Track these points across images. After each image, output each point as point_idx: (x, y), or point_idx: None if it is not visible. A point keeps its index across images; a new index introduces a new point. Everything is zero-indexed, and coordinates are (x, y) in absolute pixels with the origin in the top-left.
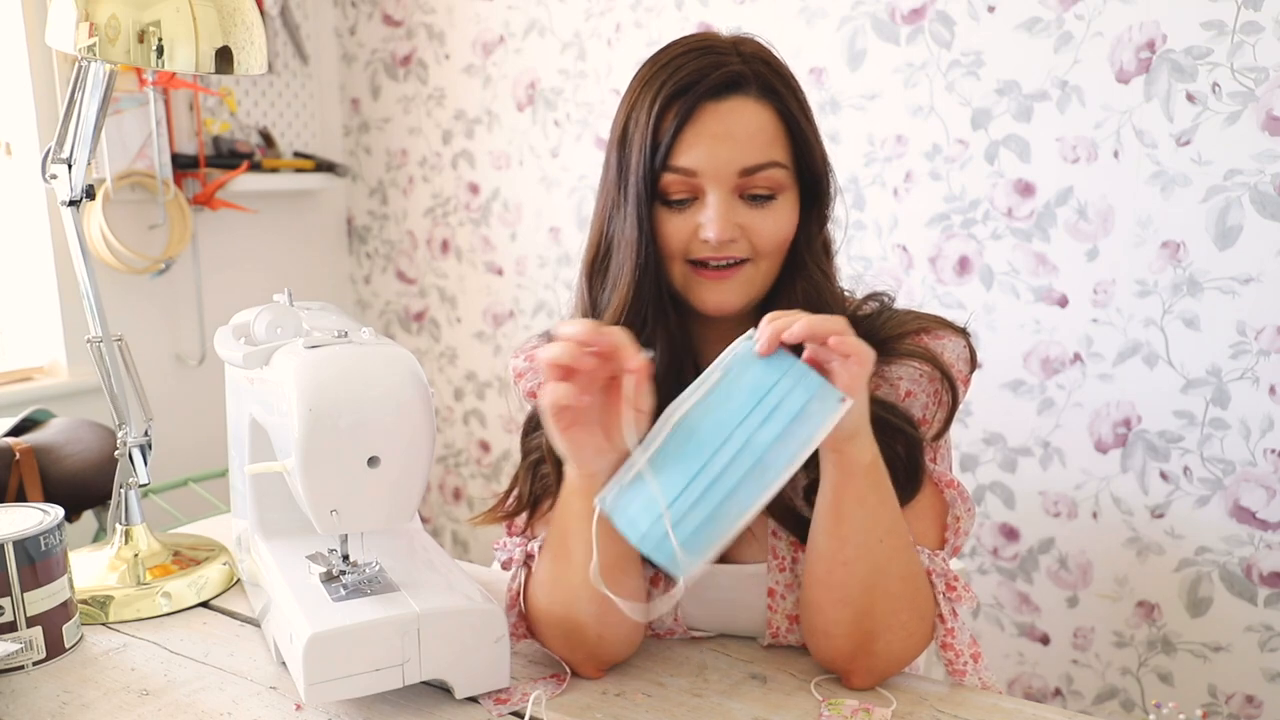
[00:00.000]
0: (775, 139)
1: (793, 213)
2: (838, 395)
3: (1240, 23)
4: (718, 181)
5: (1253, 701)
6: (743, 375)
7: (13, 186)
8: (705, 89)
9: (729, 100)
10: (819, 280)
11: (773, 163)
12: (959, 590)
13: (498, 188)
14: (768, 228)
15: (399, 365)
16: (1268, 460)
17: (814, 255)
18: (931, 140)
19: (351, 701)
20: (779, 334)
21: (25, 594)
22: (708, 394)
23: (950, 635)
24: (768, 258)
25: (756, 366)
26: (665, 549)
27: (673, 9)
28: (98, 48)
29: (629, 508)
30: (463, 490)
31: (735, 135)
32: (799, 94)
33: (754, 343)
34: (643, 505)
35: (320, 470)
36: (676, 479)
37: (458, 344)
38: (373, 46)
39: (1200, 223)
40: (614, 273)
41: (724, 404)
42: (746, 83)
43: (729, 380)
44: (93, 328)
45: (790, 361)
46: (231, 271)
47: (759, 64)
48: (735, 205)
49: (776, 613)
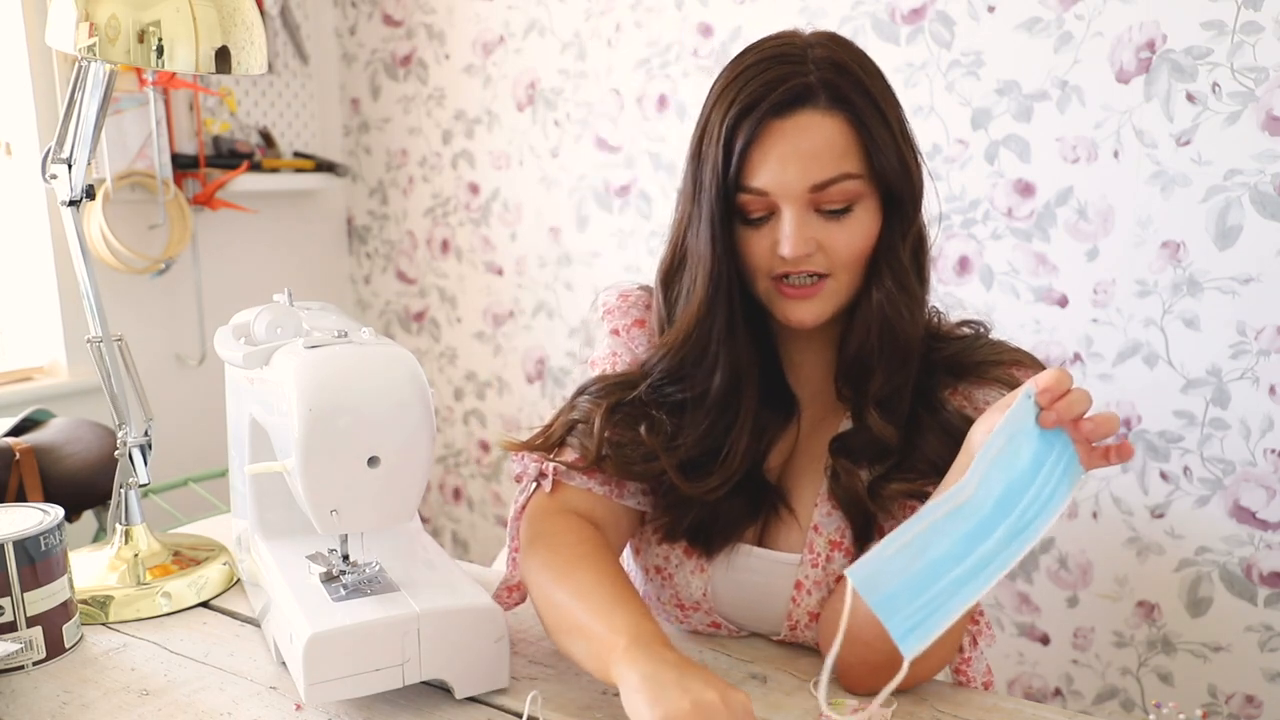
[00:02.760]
0: (847, 150)
1: (872, 222)
2: (1081, 470)
3: (1240, 23)
4: (790, 199)
5: (1253, 701)
6: (1023, 447)
7: (13, 186)
8: (769, 106)
9: (795, 115)
10: (894, 291)
11: (844, 175)
12: (980, 625)
13: (498, 188)
14: (843, 240)
15: (399, 365)
16: (1268, 460)
17: (892, 265)
18: (931, 140)
19: (351, 701)
20: (1067, 419)
21: (25, 594)
22: (989, 468)
23: (966, 664)
24: (847, 269)
25: (1035, 437)
26: (915, 632)
27: (673, 9)
28: (98, 48)
29: (882, 585)
30: (463, 490)
31: (803, 152)
32: (875, 97)
33: (1034, 405)
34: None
35: (320, 470)
36: (943, 560)
37: (458, 344)
38: (373, 46)
39: (1200, 223)
40: (686, 285)
41: (1005, 481)
42: (813, 94)
43: (1009, 452)
44: (93, 328)
45: (1058, 433)
46: (231, 271)
47: (829, 71)
48: (810, 220)
49: (799, 606)
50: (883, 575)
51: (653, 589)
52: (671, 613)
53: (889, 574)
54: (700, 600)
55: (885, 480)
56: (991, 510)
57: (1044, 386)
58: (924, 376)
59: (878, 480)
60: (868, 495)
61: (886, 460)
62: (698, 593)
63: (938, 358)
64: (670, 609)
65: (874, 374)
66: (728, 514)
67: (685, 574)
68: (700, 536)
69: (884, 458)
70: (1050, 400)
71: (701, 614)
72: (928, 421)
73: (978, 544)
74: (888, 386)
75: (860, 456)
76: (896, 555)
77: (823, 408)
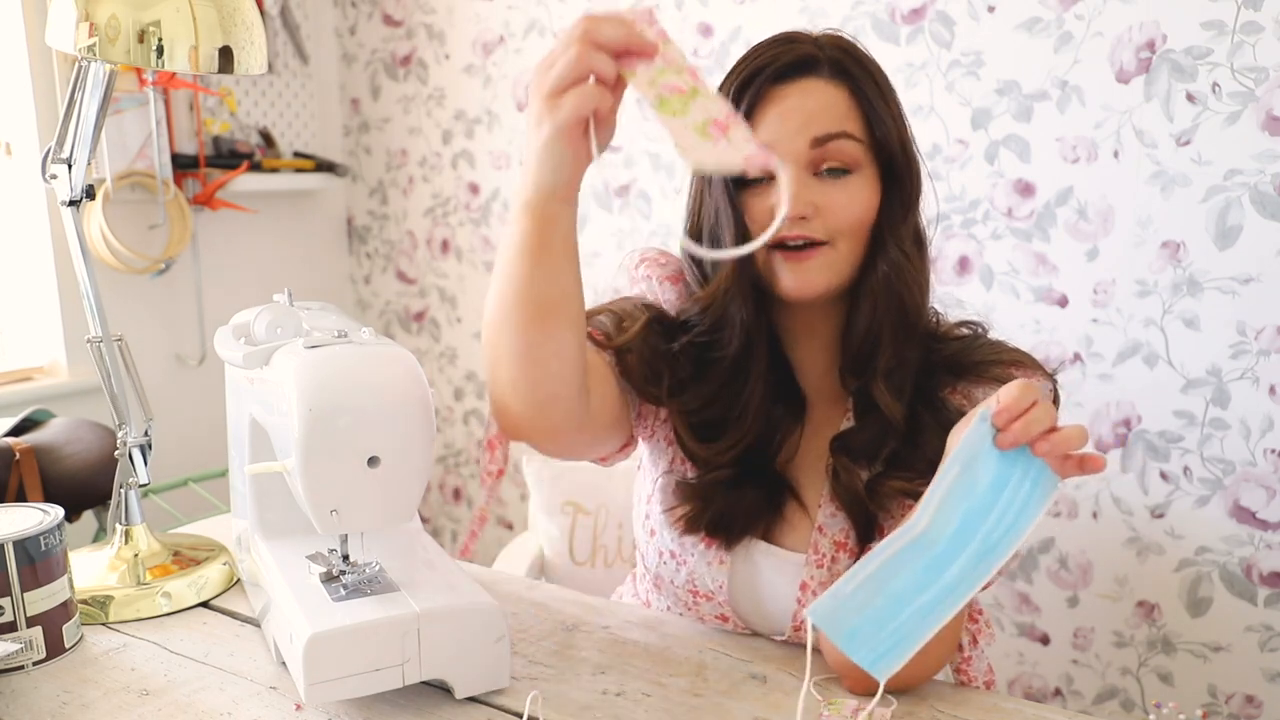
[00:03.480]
0: (848, 114)
1: (871, 192)
2: (1055, 480)
3: (1240, 23)
4: (789, 155)
5: (1253, 701)
6: (980, 473)
7: (13, 186)
8: (773, 71)
9: (799, 81)
10: (900, 262)
11: (844, 133)
12: (980, 624)
13: (498, 188)
14: (841, 202)
15: (399, 365)
16: (1268, 460)
17: (897, 237)
18: (931, 140)
19: (351, 701)
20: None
21: (25, 594)
22: (943, 500)
23: (967, 663)
24: (846, 238)
25: (994, 460)
26: (885, 659)
27: (673, 9)
28: (98, 48)
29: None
30: (463, 490)
31: (805, 109)
32: (878, 78)
33: (990, 427)
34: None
35: (320, 470)
36: (905, 591)
37: (458, 344)
38: (373, 46)
39: (1200, 223)
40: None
41: (962, 511)
42: (817, 64)
43: (965, 479)
44: (93, 328)
45: (1022, 450)
46: (231, 271)
47: (834, 50)
48: (808, 181)
49: (805, 606)
50: (843, 611)
51: (666, 572)
52: (683, 598)
53: (849, 610)
54: (714, 591)
55: (883, 478)
56: (949, 541)
57: (1001, 407)
58: (924, 376)
59: (876, 478)
60: (866, 494)
61: (885, 453)
62: (714, 583)
63: (937, 357)
64: (683, 594)
65: (881, 347)
66: (746, 506)
67: (703, 563)
68: (720, 529)
69: (883, 451)
70: (1007, 421)
71: (713, 605)
72: (927, 420)
73: (939, 574)
74: (894, 359)
75: (860, 455)
76: (856, 592)
77: (827, 407)
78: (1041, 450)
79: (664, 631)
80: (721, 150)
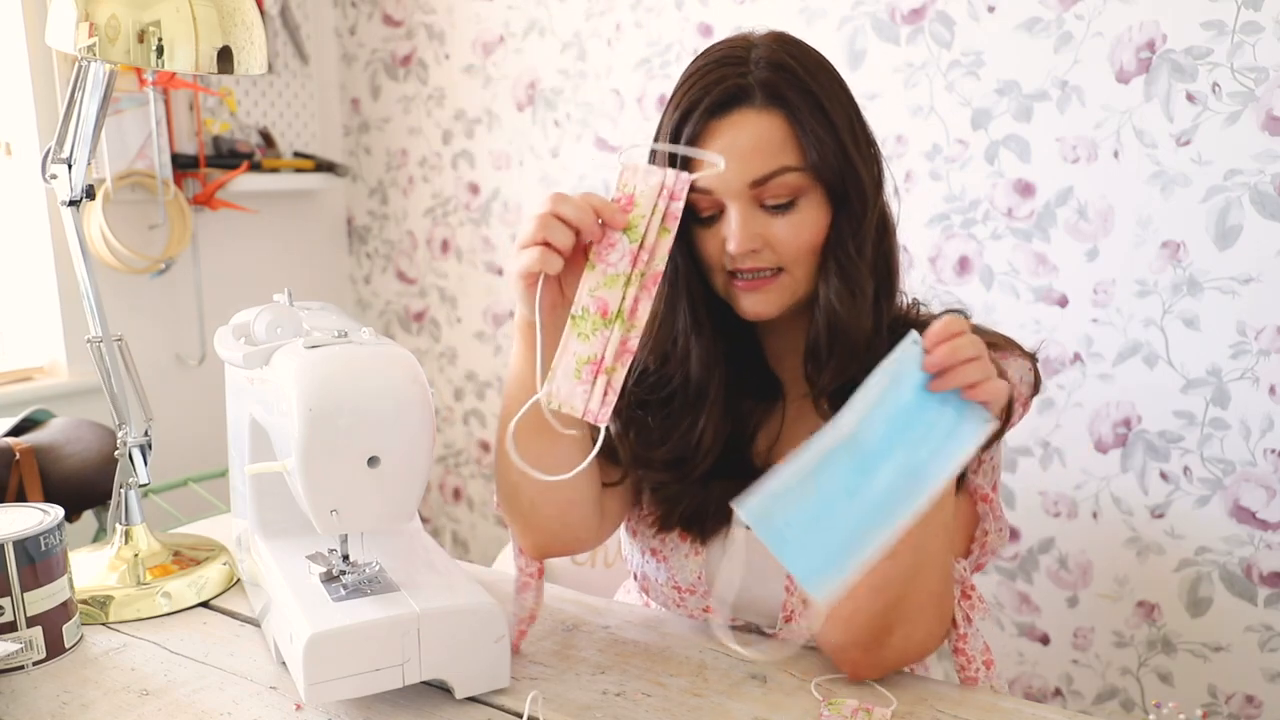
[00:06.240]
0: (784, 145)
1: (819, 216)
2: (985, 415)
3: (1240, 23)
4: (732, 195)
5: (1253, 701)
6: (905, 386)
7: (13, 186)
8: (707, 108)
9: (731, 115)
10: (839, 289)
11: (782, 169)
12: (974, 600)
13: (498, 188)
14: (789, 235)
15: (399, 365)
16: (1268, 460)
17: (840, 261)
18: (931, 140)
19: (351, 701)
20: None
21: (25, 594)
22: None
23: (962, 641)
24: (799, 263)
25: (920, 379)
26: (811, 564)
27: (673, 9)
28: (98, 48)
29: (776, 518)
30: (463, 490)
31: (740, 148)
32: (816, 93)
33: (919, 350)
34: (795, 517)
35: (320, 470)
36: (835, 493)
37: (458, 344)
38: (373, 46)
39: (1200, 223)
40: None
41: (886, 416)
42: (749, 94)
43: (892, 391)
44: (93, 328)
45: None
46: (231, 271)
47: (766, 71)
48: (755, 215)
49: (794, 594)
50: (775, 508)
51: (650, 569)
52: (669, 594)
53: (780, 506)
54: (695, 584)
55: None
56: (876, 445)
57: (931, 331)
58: None
59: None
60: None
61: None
62: (693, 576)
63: None
64: (668, 590)
65: (825, 368)
66: (718, 499)
67: (680, 557)
68: (694, 524)
69: None
70: (935, 343)
71: (697, 598)
72: None
73: (867, 477)
74: (837, 380)
75: None
76: (786, 488)
77: (805, 391)
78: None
79: (664, 631)
80: (572, 392)
